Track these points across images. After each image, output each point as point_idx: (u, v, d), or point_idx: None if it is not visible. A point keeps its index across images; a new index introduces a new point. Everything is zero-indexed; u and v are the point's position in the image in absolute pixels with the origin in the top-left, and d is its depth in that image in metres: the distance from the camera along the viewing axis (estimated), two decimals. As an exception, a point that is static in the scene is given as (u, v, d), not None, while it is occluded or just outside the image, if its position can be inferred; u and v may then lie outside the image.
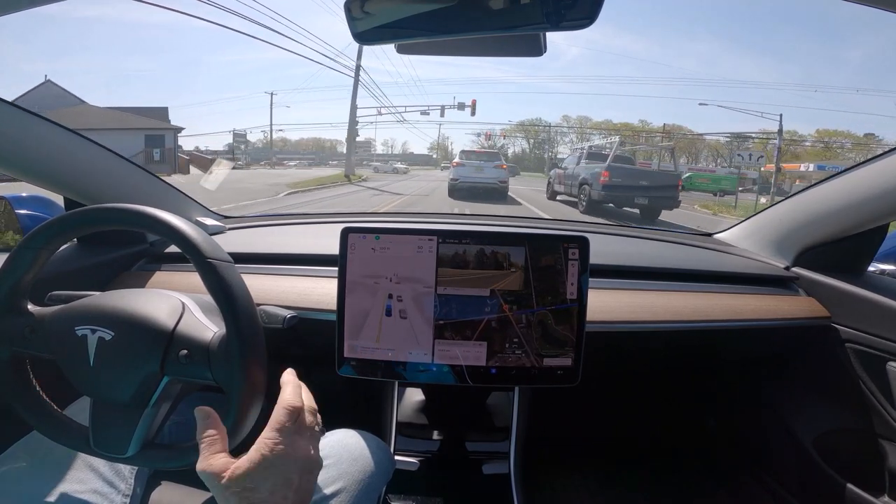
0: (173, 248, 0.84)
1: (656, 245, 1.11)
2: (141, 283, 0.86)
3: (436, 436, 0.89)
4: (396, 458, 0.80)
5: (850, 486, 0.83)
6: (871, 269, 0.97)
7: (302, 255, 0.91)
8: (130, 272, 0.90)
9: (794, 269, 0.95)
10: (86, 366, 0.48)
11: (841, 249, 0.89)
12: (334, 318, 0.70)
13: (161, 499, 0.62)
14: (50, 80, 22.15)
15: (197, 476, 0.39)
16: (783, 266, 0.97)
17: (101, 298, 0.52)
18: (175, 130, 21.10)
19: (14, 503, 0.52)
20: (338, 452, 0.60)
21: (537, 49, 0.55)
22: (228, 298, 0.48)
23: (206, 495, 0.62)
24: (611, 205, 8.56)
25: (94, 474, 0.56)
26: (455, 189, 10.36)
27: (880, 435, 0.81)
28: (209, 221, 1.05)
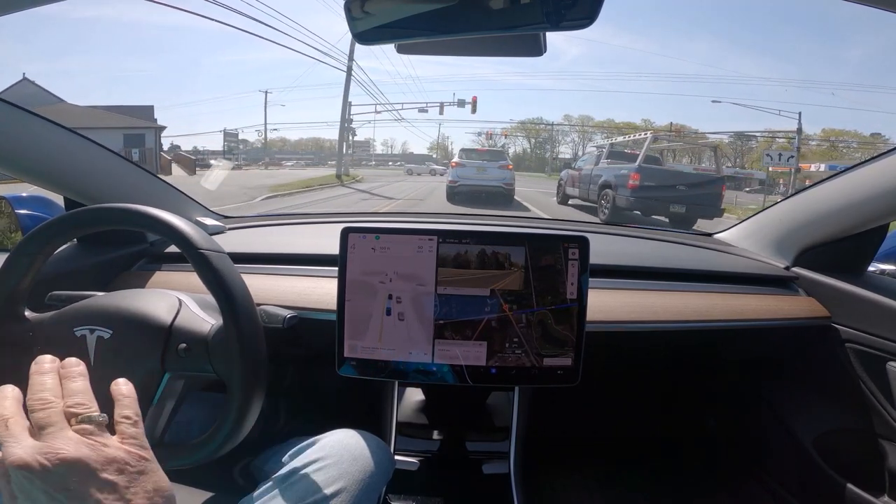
0: (173, 248, 0.84)
1: (656, 245, 1.11)
2: (141, 282, 0.86)
3: (436, 436, 0.89)
4: (396, 457, 0.80)
5: (850, 486, 0.83)
6: (871, 269, 0.98)
7: (302, 255, 0.91)
8: (130, 272, 0.90)
9: (794, 269, 0.95)
10: (87, 366, 0.48)
11: (841, 249, 0.89)
12: (334, 318, 0.70)
13: (176, 500, 0.62)
14: (27, 79, 21.67)
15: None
16: (783, 266, 0.97)
17: (98, 299, 0.53)
18: (157, 129, 20.44)
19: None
20: (338, 452, 0.60)
21: (537, 49, 0.55)
22: (223, 288, 0.48)
23: (206, 495, 0.62)
24: (637, 212, 7.14)
25: None
26: (454, 193, 9.10)
27: (880, 435, 0.81)
28: (209, 221, 1.05)
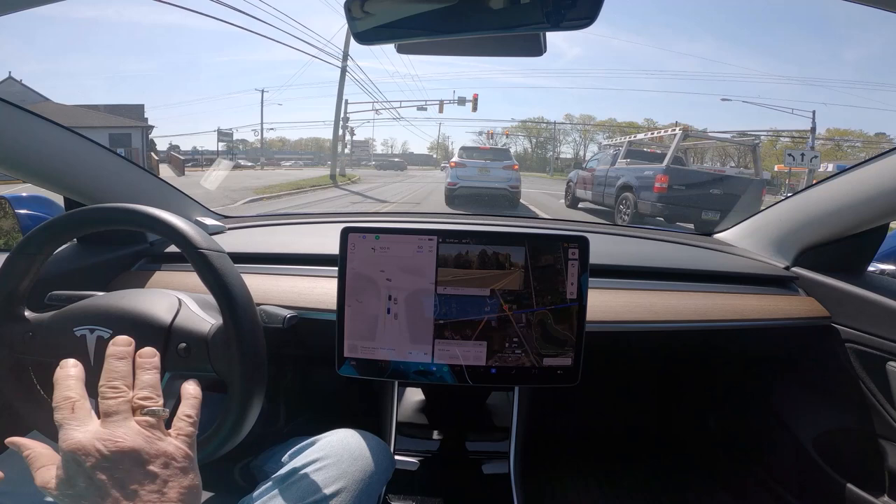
0: (173, 248, 0.84)
1: (656, 245, 1.11)
2: (141, 282, 0.86)
3: (436, 435, 0.89)
4: (396, 457, 0.80)
5: (850, 486, 0.83)
6: (871, 269, 0.98)
7: (302, 255, 0.91)
8: (130, 272, 0.90)
9: (794, 268, 0.95)
10: (87, 366, 0.48)
11: (841, 249, 0.89)
12: (334, 317, 0.70)
13: None
14: (11, 77, 21.48)
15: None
16: (783, 266, 0.97)
17: (98, 299, 0.53)
18: (143, 128, 19.98)
19: (14, 503, 0.52)
20: (338, 452, 0.60)
21: (537, 49, 0.55)
22: (223, 287, 0.48)
23: (206, 495, 0.62)
24: (660, 219, 6.09)
25: None
26: (454, 196, 8.07)
27: (880, 435, 0.81)
28: (209, 221, 1.05)
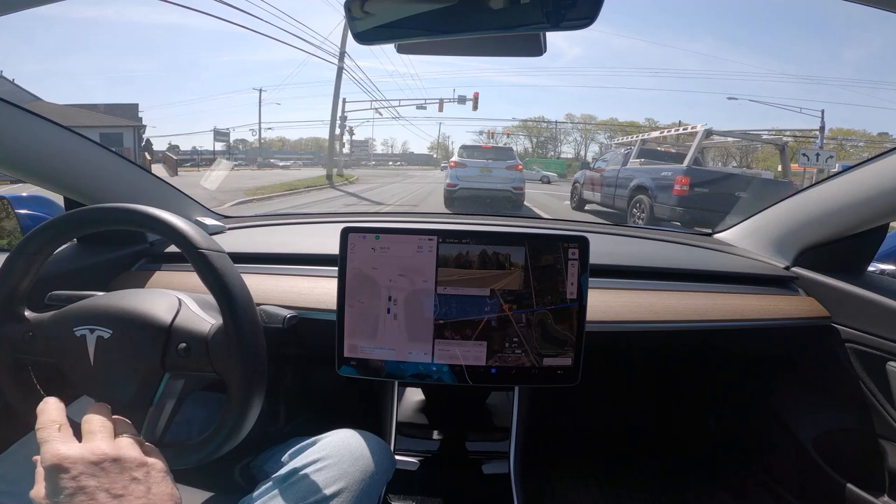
0: (173, 248, 0.84)
1: (656, 245, 1.11)
2: (141, 282, 0.86)
3: (436, 436, 0.89)
4: (396, 457, 0.80)
5: (850, 486, 0.83)
6: (871, 269, 0.98)
7: (302, 255, 0.91)
8: (131, 272, 0.90)
9: (794, 268, 0.95)
10: (86, 366, 0.48)
11: (841, 249, 0.89)
12: (334, 318, 0.70)
13: None
14: (2, 76, 21.24)
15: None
16: (783, 266, 0.97)
17: (98, 299, 0.53)
18: (135, 128, 19.86)
19: (15, 503, 0.52)
20: (338, 452, 0.60)
21: (537, 49, 0.55)
22: (223, 287, 0.48)
23: (206, 495, 0.62)
24: (677, 223, 5.59)
25: None
26: (453, 198, 7.62)
27: (880, 435, 0.81)
28: (209, 221, 1.05)
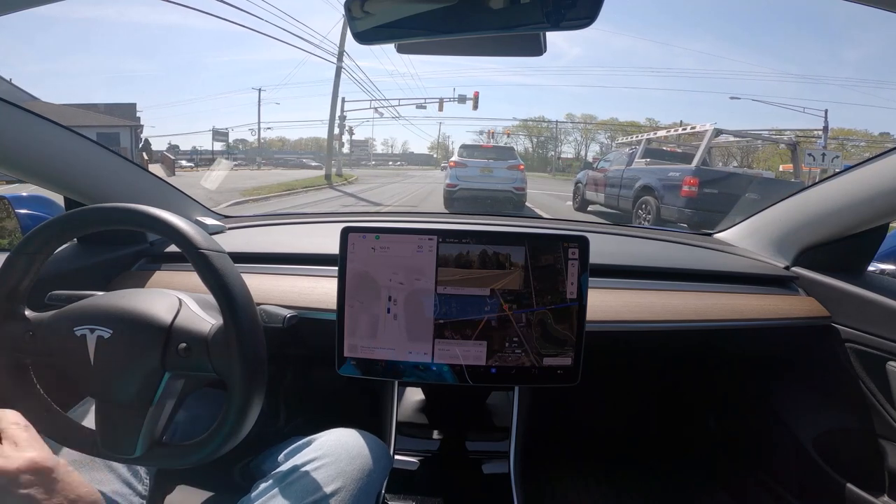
0: (174, 248, 0.84)
1: (656, 245, 1.11)
2: (141, 282, 0.86)
3: (436, 435, 0.89)
4: (396, 457, 0.80)
5: (850, 486, 0.83)
6: (871, 268, 0.97)
7: (302, 255, 0.91)
8: (131, 272, 0.90)
9: (794, 268, 0.95)
10: (87, 366, 0.48)
11: (841, 249, 0.89)
12: (334, 317, 0.71)
13: (177, 499, 0.62)
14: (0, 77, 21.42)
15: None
16: (783, 266, 0.97)
17: (98, 299, 0.53)
18: (132, 127, 19.82)
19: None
20: (335, 451, 0.60)
21: (537, 49, 0.55)
22: (223, 288, 0.48)
23: (206, 495, 0.62)
24: (684, 225, 5.41)
25: (112, 475, 0.57)
26: (453, 199, 7.46)
27: (880, 435, 0.81)
28: (209, 221, 1.06)
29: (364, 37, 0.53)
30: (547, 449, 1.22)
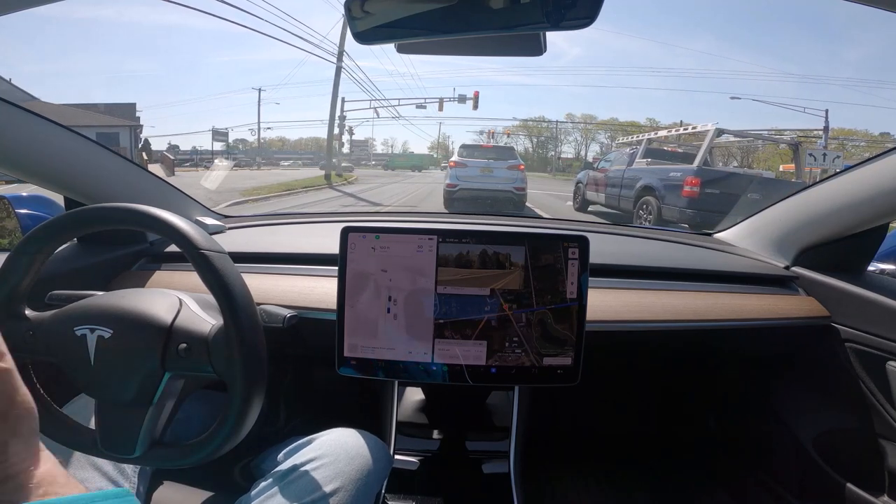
0: (174, 248, 0.84)
1: (656, 245, 1.11)
2: (141, 282, 0.86)
3: (436, 435, 0.89)
4: (396, 457, 0.80)
5: (850, 486, 0.83)
6: (871, 268, 0.97)
7: (302, 255, 0.91)
8: (131, 271, 0.90)
9: (794, 268, 0.95)
10: (87, 366, 0.48)
11: (841, 249, 0.89)
12: (334, 317, 0.71)
13: (163, 497, 0.62)
14: None
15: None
16: (783, 266, 0.97)
17: (98, 299, 0.53)
18: (132, 127, 19.82)
19: None
20: (334, 451, 0.60)
21: (537, 49, 0.55)
22: (224, 288, 0.48)
23: (206, 495, 0.62)
24: (685, 225, 5.37)
25: (97, 473, 0.56)
26: (453, 199, 7.45)
27: (880, 435, 0.81)
28: (209, 221, 1.06)
29: (364, 37, 0.53)
30: (547, 449, 1.22)
